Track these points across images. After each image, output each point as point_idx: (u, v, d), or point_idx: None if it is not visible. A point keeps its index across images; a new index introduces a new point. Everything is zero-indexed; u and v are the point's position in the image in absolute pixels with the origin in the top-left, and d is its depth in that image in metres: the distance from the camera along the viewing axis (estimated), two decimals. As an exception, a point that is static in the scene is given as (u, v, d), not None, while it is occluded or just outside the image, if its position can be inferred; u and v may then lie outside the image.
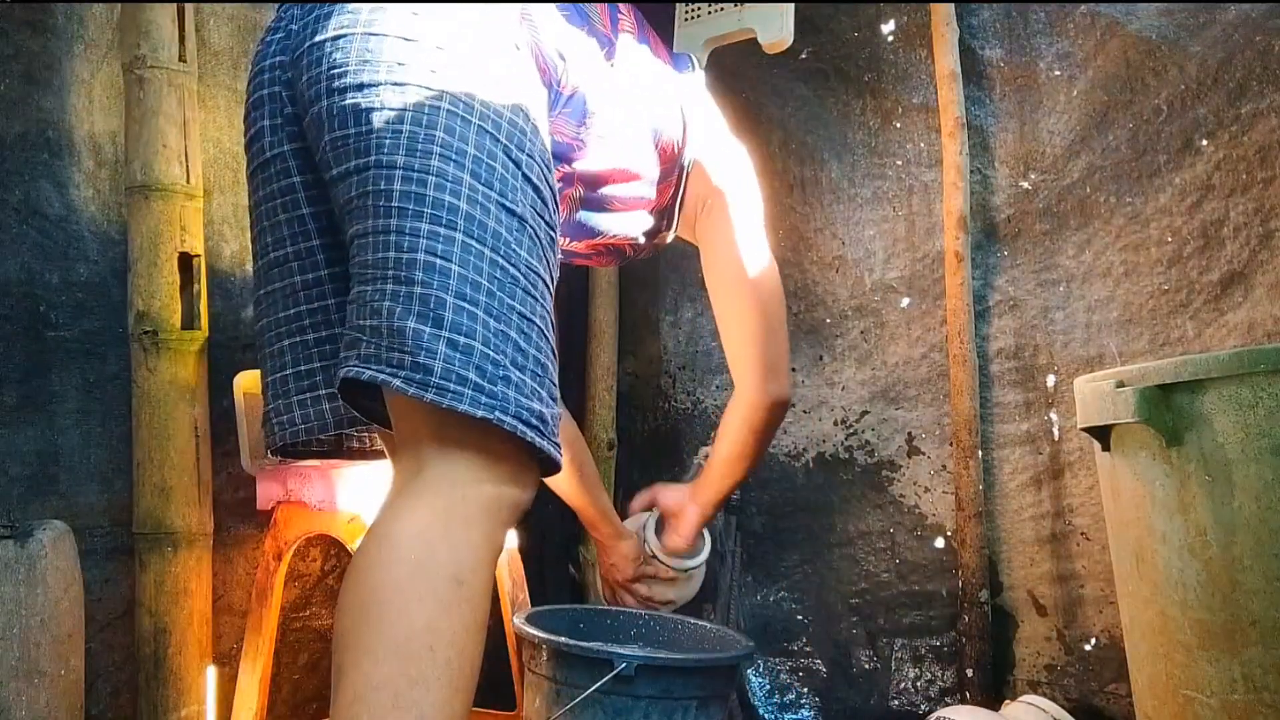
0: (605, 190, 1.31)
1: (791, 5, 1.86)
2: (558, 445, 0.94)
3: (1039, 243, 1.74)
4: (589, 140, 1.21)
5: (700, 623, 1.55)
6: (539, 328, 0.94)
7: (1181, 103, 1.61)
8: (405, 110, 0.91)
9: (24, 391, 1.44)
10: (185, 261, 1.50)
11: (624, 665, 1.21)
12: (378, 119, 0.91)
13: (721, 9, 1.92)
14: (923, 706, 1.78)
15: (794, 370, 1.97)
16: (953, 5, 1.79)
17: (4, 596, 1.13)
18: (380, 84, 0.92)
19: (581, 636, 1.35)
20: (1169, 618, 1.11)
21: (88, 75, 1.52)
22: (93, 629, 1.39)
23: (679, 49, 1.96)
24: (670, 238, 1.53)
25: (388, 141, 0.91)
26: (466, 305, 0.88)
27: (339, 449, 1.51)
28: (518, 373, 0.90)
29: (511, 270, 0.91)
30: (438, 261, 0.88)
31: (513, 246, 0.92)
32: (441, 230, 0.89)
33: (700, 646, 1.48)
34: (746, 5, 1.89)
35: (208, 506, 1.52)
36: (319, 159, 0.98)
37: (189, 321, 1.51)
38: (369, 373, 0.88)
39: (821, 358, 1.95)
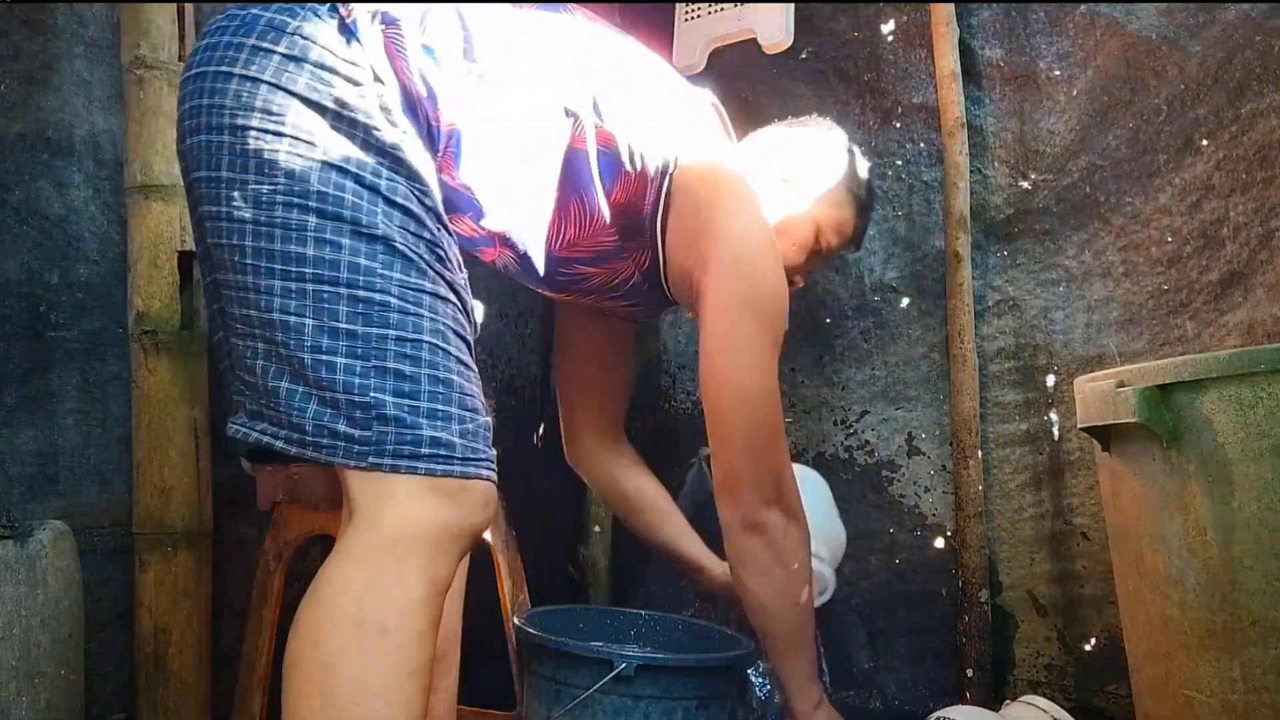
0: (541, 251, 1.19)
1: (791, 5, 1.86)
2: (474, 459, 0.92)
3: (1039, 243, 1.74)
4: (478, 191, 1.08)
5: (700, 622, 1.55)
6: (430, 344, 0.91)
7: (1181, 103, 1.61)
8: (248, 156, 0.90)
9: (24, 391, 1.44)
10: (185, 261, 1.50)
11: (624, 665, 1.21)
12: (223, 165, 0.91)
13: (721, 9, 1.92)
14: (923, 706, 1.78)
15: (794, 370, 1.98)
16: (953, 5, 1.79)
17: (4, 596, 1.13)
18: (223, 126, 0.91)
19: (581, 636, 1.35)
20: (1169, 618, 1.11)
21: (88, 75, 1.51)
22: (93, 629, 1.39)
23: (679, 49, 1.96)
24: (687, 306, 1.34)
25: (236, 194, 0.90)
26: (325, 357, 0.88)
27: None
28: (403, 401, 0.89)
29: (378, 297, 0.89)
30: (291, 319, 0.88)
31: (377, 272, 0.90)
32: (293, 285, 0.89)
33: (700, 646, 1.48)
34: (746, 5, 1.89)
35: (208, 506, 1.52)
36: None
37: (189, 321, 1.51)
38: (254, 434, 0.92)
39: (821, 358, 1.95)
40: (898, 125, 1.90)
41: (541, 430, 2.14)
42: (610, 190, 1.15)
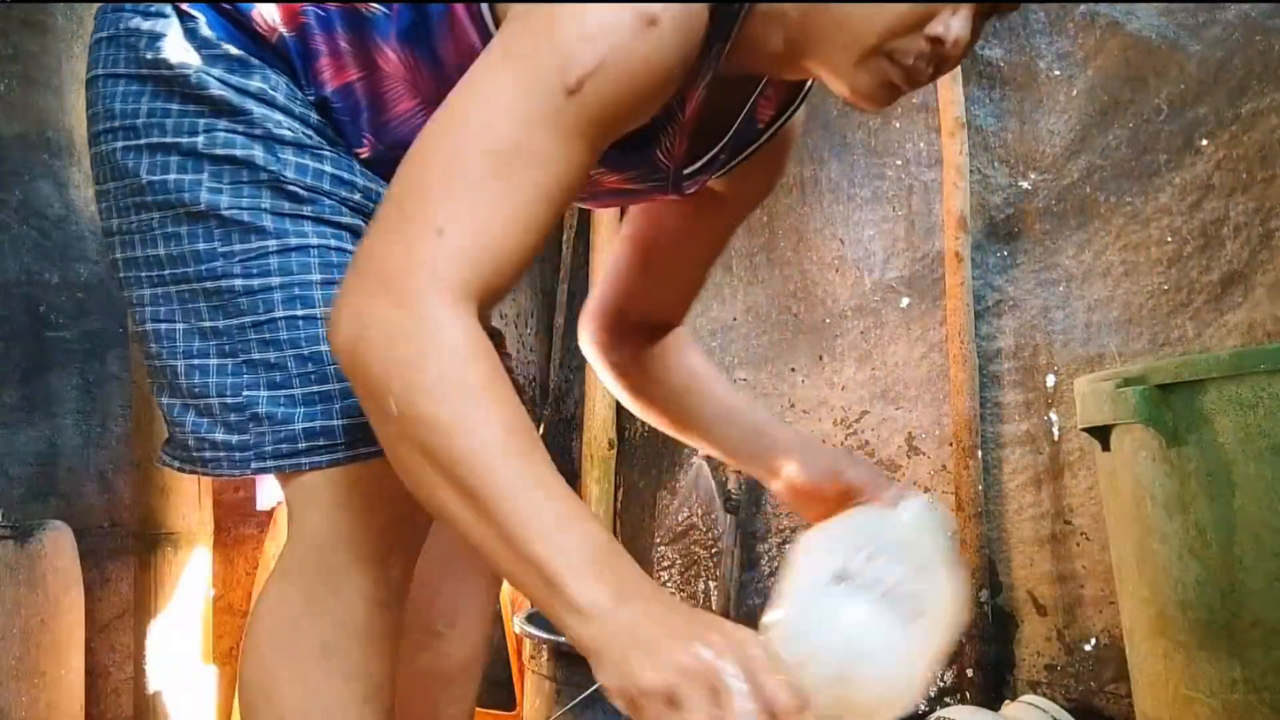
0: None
1: (791, 5, 1.86)
2: (365, 439, 0.76)
3: (1039, 242, 1.74)
4: (331, 98, 0.85)
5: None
6: (286, 319, 0.79)
7: (1181, 102, 1.61)
8: (103, 164, 0.84)
9: (24, 391, 1.44)
10: (185, 261, 1.50)
11: (624, 665, 1.21)
12: (94, 179, 0.87)
13: (721, 9, 1.92)
14: (923, 706, 1.78)
15: (794, 370, 1.98)
16: (953, 5, 1.79)
17: (4, 596, 1.13)
18: (89, 138, 0.87)
19: (581, 636, 1.35)
20: (1169, 618, 1.11)
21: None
22: (93, 629, 1.39)
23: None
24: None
25: (102, 205, 0.86)
26: (197, 360, 0.81)
27: None
28: (278, 393, 0.79)
29: (224, 283, 0.80)
30: (163, 327, 0.82)
31: (217, 253, 0.80)
32: (159, 291, 0.82)
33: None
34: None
35: (208, 506, 1.52)
36: None
37: (189, 321, 1.51)
38: (165, 458, 0.86)
39: (821, 358, 1.95)
40: (898, 125, 1.90)
41: (541, 430, 2.13)
42: (439, 36, 0.81)
